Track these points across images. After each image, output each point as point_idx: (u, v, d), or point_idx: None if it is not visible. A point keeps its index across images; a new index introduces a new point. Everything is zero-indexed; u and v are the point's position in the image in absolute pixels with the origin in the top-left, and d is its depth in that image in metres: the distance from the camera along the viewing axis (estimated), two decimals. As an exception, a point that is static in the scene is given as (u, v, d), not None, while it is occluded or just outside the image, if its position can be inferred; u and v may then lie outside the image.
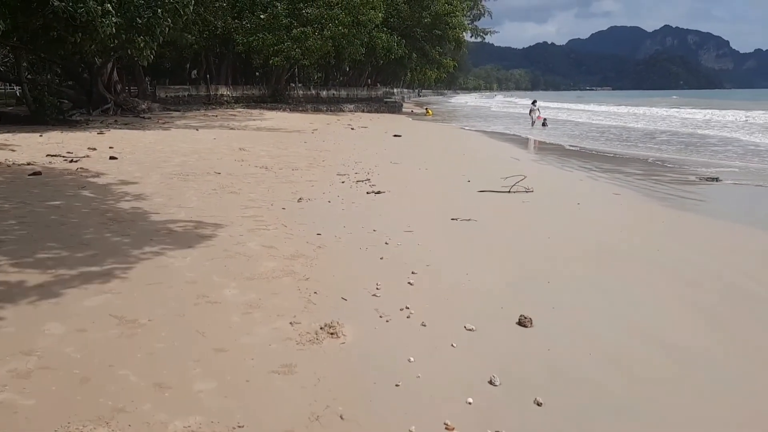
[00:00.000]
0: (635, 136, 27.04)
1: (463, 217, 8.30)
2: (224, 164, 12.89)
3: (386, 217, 8.23)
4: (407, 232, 7.32)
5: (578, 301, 5.12)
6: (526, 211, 9.07)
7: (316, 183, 11.01)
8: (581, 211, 9.21)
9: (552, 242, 7.14)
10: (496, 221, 8.27)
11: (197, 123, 25.77)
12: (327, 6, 35.92)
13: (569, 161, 16.75)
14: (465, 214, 8.53)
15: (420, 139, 23.17)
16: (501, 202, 9.87)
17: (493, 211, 8.99)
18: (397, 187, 10.96)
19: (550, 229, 7.84)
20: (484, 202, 9.76)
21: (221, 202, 8.78)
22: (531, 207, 9.41)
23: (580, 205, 9.67)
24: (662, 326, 4.64)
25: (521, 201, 9.84)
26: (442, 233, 7.45)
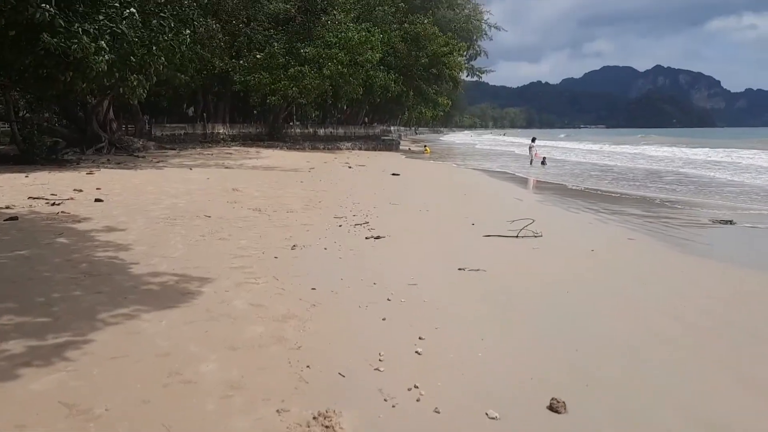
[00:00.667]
0: (638, 176, 26.58)
1: (471, 266, 7.63)
2: (216, 206, 12.25)
3: (387, 267, 7.56)
4: (411, 286, 6.64)
5: (614, 373, 4.43)
6: (538, 259, 8.40)
7: (311, 227, 10.35)
8: (597, 259, 8.55)
9: (572, 298, 6.46)
10: (507, 271, 7.60)
11: (192, 162, 25.23)
12: (325, 46, 35.83)
13: (574, 202, 16.17)
14: (472, 262, 7.87)
15: (419, 178, 22.64)
16: (509, 248, 9.22)
17: (503, 259, 8.33)
18: (398, 230, 10.31)
19: (567, 280, 7.17)
20: (492, 249, 9.10)
21: (209, 250, 8.10)
22: (542, 254, 8.75)
23: (595, 251, 9.02)
24: (720, 406, 3.94)
25: (531, 247, 9.18)
26: (450, 286, 6.77)
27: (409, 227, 10.79)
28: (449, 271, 7.49)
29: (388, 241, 9.37)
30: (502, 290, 6.68)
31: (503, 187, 20.48)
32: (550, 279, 7.23)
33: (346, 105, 53.07)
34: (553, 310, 5.94)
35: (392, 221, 11.42)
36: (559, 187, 20.82)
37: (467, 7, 69.51)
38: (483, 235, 10.10)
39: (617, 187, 21.13)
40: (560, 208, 14.80)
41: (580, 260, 8.43)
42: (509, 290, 6.69)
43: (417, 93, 48.46)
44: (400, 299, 6.07)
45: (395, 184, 19.51)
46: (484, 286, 6.80)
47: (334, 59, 35.10)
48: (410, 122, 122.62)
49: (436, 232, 10.50)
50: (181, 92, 43.17)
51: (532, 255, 8.70)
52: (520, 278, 7.28)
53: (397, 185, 18.98)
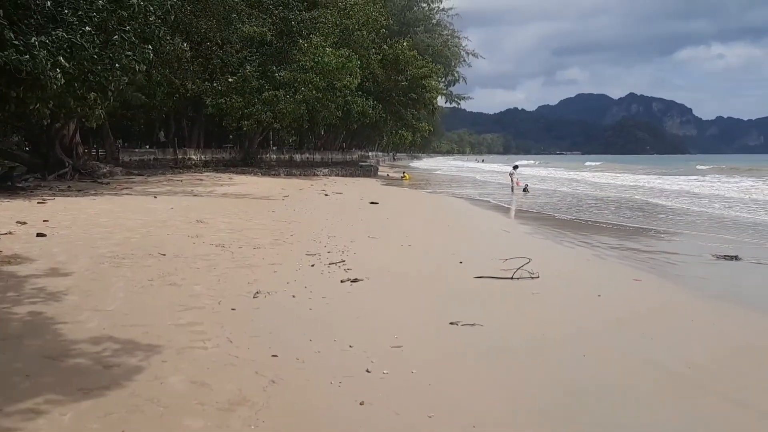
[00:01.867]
0: (627, 205, 25.78)
1: (465, 319, 6.48)
2: (174, 242, 10.97)
3: (366, 321, 6.38)
4: (395, 348, 5.46)
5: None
6: (540, 308, 7.28)
7: (280, 267, 9.13)
8: (605, 307, 7.45)
9: (588, 362, 5.34)
10: (507, 325, 6.47)
11: (158, 189, 23.86)
12: (301, 70, 34.86)
13: (565, 234, 15.15)
14: (465, 312, 6.73)
15: (399, 207, 21.54)
16: (505, 292, 8.09)
17: (500, 309, 7.19)
18: (378, 271, 9.15)
19: (579, 336, 6.06)
20: (486, 294, 7.97)
21: (154, 300, 6.84)
22: (544, 301, 7.63)
23: (601, 296, 7.92)
24: None
25: (530, 292, 8.05)
26: (442, 349, 5.60)
27: (390, 266, 9.63)
28: (439, 325, 6.33)
29: (367, 284, 8.18)
30: (505, 354, 5.53)
31: (488, 218, 19.47)
32: (559, 335, 6.10)
33: (324, 130, 52.08)
34: (570, 387, 4.79)
35: (371, 259, 10.25)
36: (545, 216, 19.85)
37: (444, 33, 69.54)
38: (474, 276, 8.96)
39: (605, 216, 20.22)
40: (552, 241, 13.75)
41: (587, 308, 7.32)
42: (513, 355, 5.54)
43: (396, 118, 47.66)
44: (382, 370, 4.88)
45: (374, 213, 18.38)
46: (483, 348, 5.64)
47: (309, 83, 34.10)
48: (388, 148, 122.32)
49: (421, 272, 9.34)
50: (152, 117, 41.86)
51: (533, 302, 7.58)
52: (522, 335, 6.14)
53: (376, 215, 17.85)
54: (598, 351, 5.67)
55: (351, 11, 39.83)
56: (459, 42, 72.19)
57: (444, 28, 70.40)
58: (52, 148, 29.57)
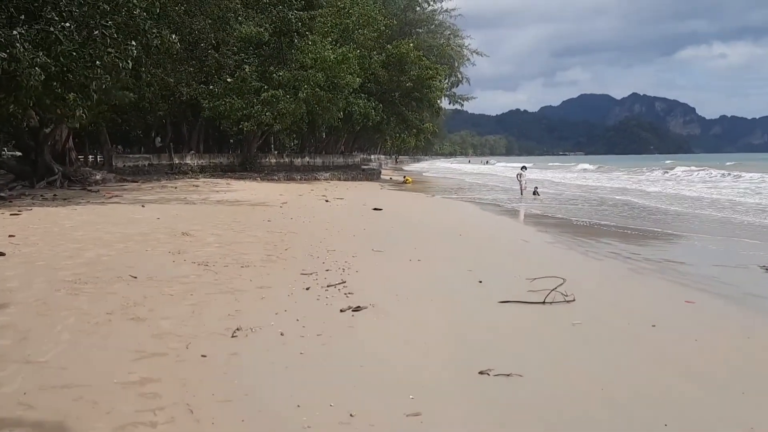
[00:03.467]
0: (641, 206, 24.36)
1: (496, 365, 5.10)
2: (151, 260, 9.61)
3: (371, 371, 5.01)
4: (412, 418, 4.08)
5: None
6: (589, 347, 5.88)
7: (269, 291, 7.76)
8: (670, 344, 6.06)
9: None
10: (554, 376, 5.07)
11: (150, 197, 22.53)
12: (300, 67, 33.55)
13: (588, 242, 13.78)
14: (495, 353, 5.40)
15: (404, 214, 20.15)
16: (540, 323, 6.70)
17: (539, 348, 5.80)
18: (384, 295, 7.77)
19: (657, 398, 4.67)
20: (516, 326, 6.59)
21: (106, 344, 5.47)
22: (591, 336, 6.24)
23: (657, 327, 6.54)
24: None
25: (570, 322, 6.67)
26: (473, 416, 4.22)
27: (398, 288, 8.24)
28: (466, 376, 4.95)
29: (372, 314, 6.81)
30: (556, 420, 4.14)
31: (502, 225, 18.09)
32: (630, 395, 4.70)
33: (325, 133, 50.79)
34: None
35: (376, 278, 8.88)
36: (562, 222, 18.46)
37: (446, 33, 68.09)
38: (499, 300, 7.58)
39: (623, 220, 18.83)
40: (577, 252, 12.35)
41: (649, 348, 5.92)
42: (572, 426, 4.14)
43: (399, 120, 46.29)
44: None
45: (378, 222, 17.00)
46: (528, 414, 4.26)
47: (310, 81, 32.77)
48: (390, 150, 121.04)
49: (435, 296, 7.95)
50: (148, 121, 40.62)
51: (577, 338, 6.18)
52: (577, 393, 4.74)
53: (380, 224, 16.47)
54: (673, 420, 4.28)
55: (350, 10, 38.58)
56: (461, 42, 70.84)
57: (446, 28, 68.98)
58: (41, 155, 28.24)
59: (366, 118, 38.89)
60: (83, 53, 16.11)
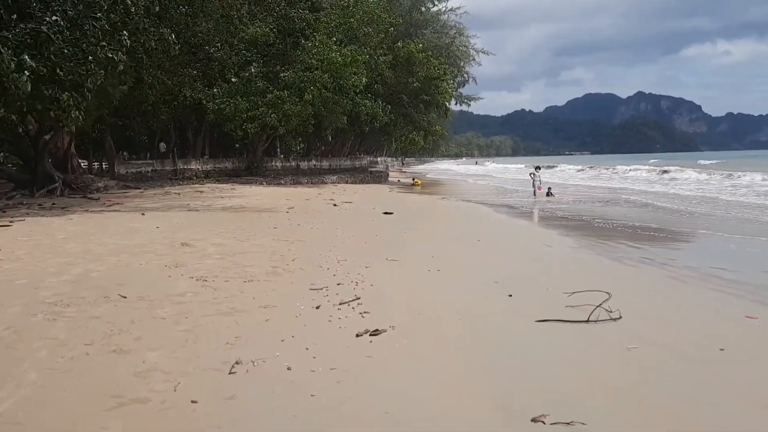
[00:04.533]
0: (657, 206, 23.37)
1: (551, 408, 4.18)
2: (145, 275, 8.73)
3: (399, 418, 4.10)
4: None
5: None
6: (652, 381, 4.94)
7: (274, 311, 6.86)
8: (744, 372, 5.12)
9: None
10: (622, 422, 4.14)
11: (152, 204, 21.71)
12: (306, 68, 32.72)
13: (617, 246, 12.84)
14: (544, 390, 4.50)
15: (416, 218, 19.25)
16: (588, 349, 5.78)
17: (595, 383, 4.87)
18: (404, 313, 6.88)
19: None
20: (561, 351, 5.67)
21: (78, 385, 4.58)
22: (650, 364, 5.31)
23: (726, 351, 5.60)
24: None
25: (623, 347, 5.73)
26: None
27: (419, 305, 7.32)
28: (515, 424, 4.03)
29: (393, 339, 5.90)
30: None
31: (520, 228, 17.15)
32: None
33: (331, 136, 49.98)
34: None
35: (393, 293, 7.98)
36: (583, 224, 17.50)
37: (451, 33, 67.12)
38: (535, 320, 6.65)
39: (645, 220, 17.87)
40: (608, 258, 11.40)
41: (725, 377, 4.99)
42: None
43: (407, 121, 45.37)
44: None
45: (389, 226, 16.09)
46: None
47: (316, 83, 31.93)
48: (397, 152, 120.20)
49: (462, 314, 7.02)
50: (152, 126, 39.88)
51: (637, 366, 5.25)
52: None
53: (392, 229, 15.56)
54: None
55: (354, 9, 37.75)
56: (467, 41, 69.86)
57: (451, 27, 68.01)
58: (41, 162, 27.49)
59: (374, 120, 38.02)
60: (75, 50, 15.24)
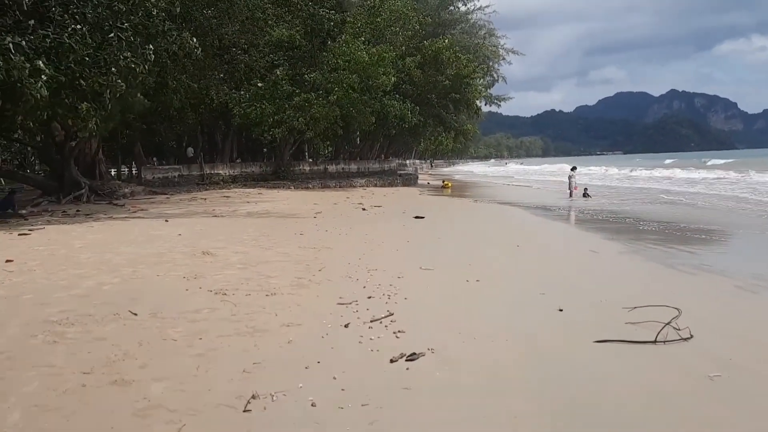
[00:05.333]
0: (695, 204, 22.17)
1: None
2: (160, 288, 8.10)
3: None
4: None
5: None
6: (751, 421, 4.09)
7: (298, 330, 6.14)
8: None
9: None
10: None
11: (177, 210, 21.27)
12: (332, 69, 32.14)
13: (668, 251, 11.86)
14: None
15: (449, 222, 18.41)
16: (662, 377, 4.93)
17: (682, 425, 4.03)
18: (444, 332, 6.11)
19: None
20: (632, 382, 4.82)
21: (65, 427, 3.89)
22: (742, 399, 4.45)
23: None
24: None
25: (702, 375, 4.88)
26: None
27: (460, 322, 6.53)
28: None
29: (433, 366, 5.13)
30: None
31: (560, 232, 16.22)
32: None
33: (359, 138, 49.34)
34: None
35: (430, 308, 7.20)
36: (626, 227, 16.47)
37: (481, 33, 66.08)
38: (594, 340, 5.81)
39: (690, 221, 16.79)
40: (660, 264, 10.44)
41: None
42: None
43: (437, 122, 44.46)
44: None
45: (421, 232, 15.31)
46: None
47: (343, 83, 31.30)
48: (425, 154, 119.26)
49: (509, 332, 6.20)
50: (178, 130, 39.72)
51: (727, 401, 4.39)
52: None
53: (424, 234, 14.77)
54: None
55: (380, 8, 37.06)
56: (497, 41, 68.74)
57: (481, 27, 66.95)
58: (67, 168, 27.35)
59: (402, 121, 37.25)
60: (97, 58, 14.76)
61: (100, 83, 14.59)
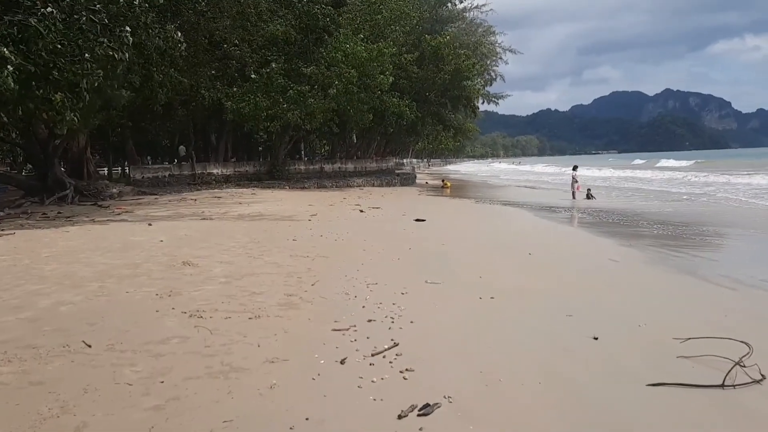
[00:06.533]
0: (706, 201, 21.16)
1: None
2: (127, 310, 6.98)
3: None
4: None
5: None
6: None
7: (283, 370, 5.05)
8: None
9: None
10: None
11: (164, 212, 20.13)
12: (330, 63, 31.06)
13: (694, 261, 10.84)
14: None
15: (451, 226, 17.31)
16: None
17: None
18: (460, 369, 5.06)
19: None
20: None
21: None
22: None
23: None
24: None
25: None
26: None
27: (480, 358, 5.44)
28: None
29: (453, 424, 4.03)
30: None
31: (572, 237, 15.13)
32: None
33: (356, 137, 48.23)
34: None
35: (442, 335, 6.12)
36: (640, 231, 15.42)
37: (479, 31, 65.04)
38: (647, 383, 4.73)
39: (708, 222, 15.75)
40: (693, 277, 9.37)
41: None
42: None
43: (436, 120, 43.35)
44: None
45: (423, 237, 14.21)
46: None
47: (342, 77, 30.21)
48: (423, 153, 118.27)
49: (541, 371, 5.10)
50: (170, 129, 38.54)
51: None
52: None
53: (427, 240, 13.67)
54: None
55: (381, 5, 35.99)
56: (494, 39, 67.67)
57: (478, 25, 65.91)
58: (51, 167, 26.20)
59: (400, 118, 36.15)
60: (70, 45, 13.57)
61: (74, 72, 13.40)
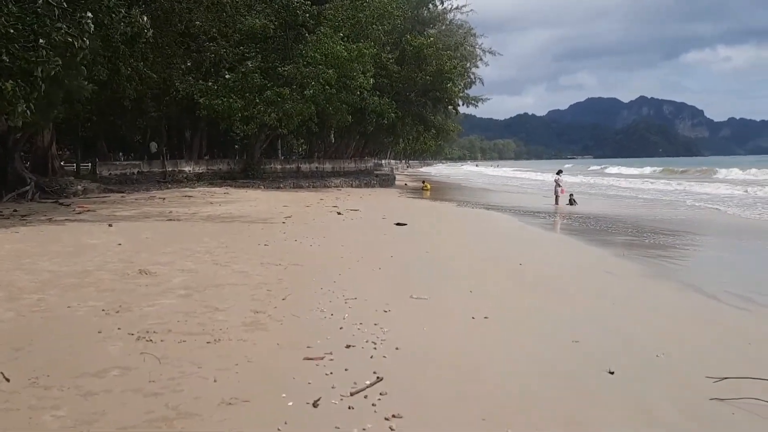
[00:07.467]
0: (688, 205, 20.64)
1: None
2: (65, 331, 5.98)
3: None
4: None
5: None
6: None
7: (242, 417, 4.11)
8: None
9: None
10: None
11: (128, 212, 18.96)
12: (308, 63, 29.98)
13: (695, 274, 10.11)
14: None
15: (434, 231, 16.45)
16: None
17: None
18: (458, 414, 4.14)
19: None
20: None
21: None
22: None
23: None
24: None
25: None
26: None
27: (479, 397, 4.55)
28: None
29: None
30: None
31: (562, 246, 14.35)
32: None
33: (335, 136, 47.22)
34: None
35: (431, 366, 5.22)
36: (631, 240, 14.73)
37: (460, 32, 64.40)
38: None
39: (695, 229, 15.14)
40: (701, 294, 8.61)
41: None
42: None
43: (417, 121, 42.52)
44: None
45: (405, 243, 13.32)
46: None
47: (320, 78, 29.15)
48: (401, 154, 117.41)
49: (551, 415, 4.24)
50: (140, 124, 37.11)
51: None
52: None
53: (409, 246, 12.79)
54: None
55: (364, 3, 35.01)
56: (474, 41, 67.06)
57: (459, 27, 65.30)
58: (11, 163, 24.76)
59: (381, 117, 35.22)
60: (24, 30, 12.43)
61: (27, 59, 12.24)
